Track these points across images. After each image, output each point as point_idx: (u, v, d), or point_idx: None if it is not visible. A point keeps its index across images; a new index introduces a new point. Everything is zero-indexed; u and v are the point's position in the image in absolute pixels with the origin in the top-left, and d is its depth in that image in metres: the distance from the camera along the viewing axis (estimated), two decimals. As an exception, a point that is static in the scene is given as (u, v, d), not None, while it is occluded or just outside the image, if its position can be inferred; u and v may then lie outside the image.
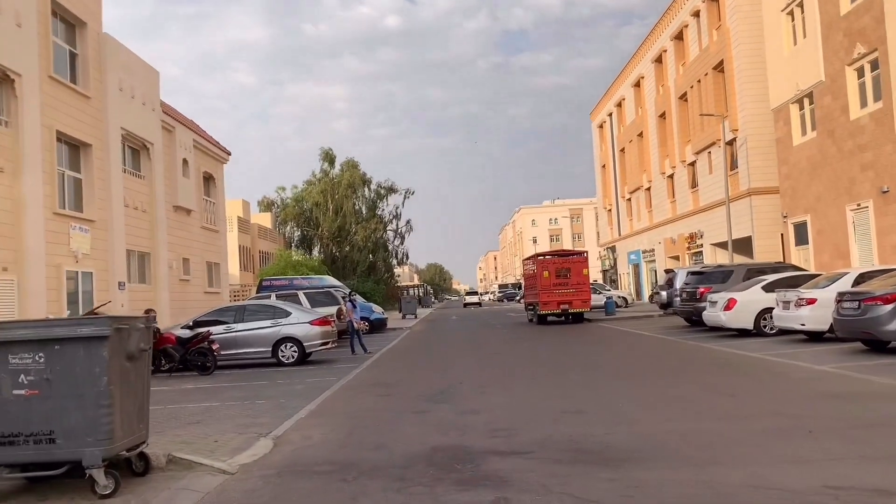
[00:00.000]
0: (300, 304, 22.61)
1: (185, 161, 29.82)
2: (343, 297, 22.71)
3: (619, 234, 59.96)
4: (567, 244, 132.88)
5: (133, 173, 25.86)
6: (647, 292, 53.23)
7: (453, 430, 7.54)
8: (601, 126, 64.40)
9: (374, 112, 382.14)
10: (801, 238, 29.89)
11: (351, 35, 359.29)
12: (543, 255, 31.80)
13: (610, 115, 60.55)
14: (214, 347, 15.66)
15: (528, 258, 34.31)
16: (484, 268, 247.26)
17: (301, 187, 72.27)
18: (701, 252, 41.76)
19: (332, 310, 22.30)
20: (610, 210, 63.53)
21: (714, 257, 39.51)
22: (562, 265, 30.16)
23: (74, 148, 22.10)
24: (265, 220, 69.03)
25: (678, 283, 23.16)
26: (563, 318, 31.17)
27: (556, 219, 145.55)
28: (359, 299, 31.06)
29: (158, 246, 26.67)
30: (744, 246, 34.89)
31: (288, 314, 17.06)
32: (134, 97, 25.18)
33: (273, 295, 23.63)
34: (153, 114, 26.85)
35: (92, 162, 22.37)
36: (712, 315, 18.64)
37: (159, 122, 27.37)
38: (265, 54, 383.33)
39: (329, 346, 17.35)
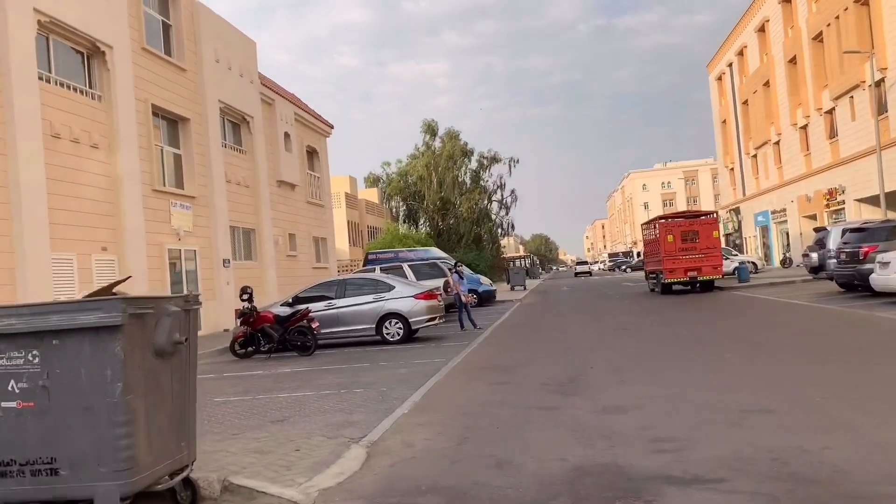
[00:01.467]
0: (405, 276, 21.31)
1: (286, 135, 29.05)
2: (449, 269, 21.15)
3: (744, 195, 55.57)
4: (682, 208, 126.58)
5: (234, 148, 25.23)
6: (776, 256, 49.04)
7: (598, 437, 5.74)
8: (719, 78, 59.69)
9: (475, 86, 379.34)
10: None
11: (449, 9, 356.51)
12: (667, 217, 29.11)
13: (730, 65, 55.91)
14: (314, 326, 14.47)
15: (648, 222, 31.65)
16: (591, 237, 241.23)
17: (405, 161, 71.47)
18: (842, 209, 37.59)
19: (439, 282, 20.82)
20: (732, 169, 59.05)
21: (859, 214, 35.35)
22: (688, 227, 27.41)
23: (172, 123, 21.52)
24: (372, 195, 68.85)
25: (831, 243, 20.15)
26: (690, 286, 28.49)
27: (668, 182, 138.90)
28: (465, 271, 29.55)
29: (263, 222, 26.03)
30: (888, 202, 30.79)
31: (391, 288, 15.66)
32: (231, 69, 24.43)
33: (378, 268, 22.43)
34: (251, 86, 26.09)
35: (191, 137, 21.74)
36: (883, 278, 15.82)
37: (258, 95, 26.61)
38: (367, 35, 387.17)
39: (436, 321, 15.85)
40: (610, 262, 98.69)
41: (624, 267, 79.13)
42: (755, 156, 52.30)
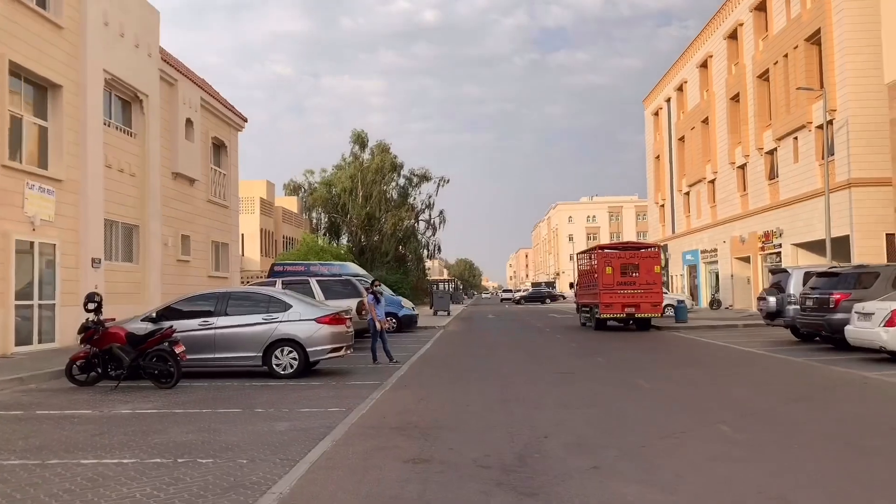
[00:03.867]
0: (311, 294, 18.07)
1: (189, 121, 25.41)
2: (365, 289, 18.01)
3: (673, 232, 54.60)
4: (606, 241, 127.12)
5: (120, 129, 21.49)
6: (704, 296, 47.96)
7: None
8: (656, 113, 58.97)
9: (409, 106, 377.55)
10: (924, 238, 24.58)
11: (388, 29, 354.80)
12: (606, 247, 26.85)
13: (668, 100, 55.15)
14: (178, 350, 11.08)
15: (585, 251, 29.36)
16: (514, 265, 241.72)
17: (330, 171, 68.10)
18: (778, 253, 36.44)
19: (352, 303, 17.70)
20: (662, 205, 58.16)
21: (796, 260, 34.17)
22: (629, 260, 25.17)
23: (40, 89, 17.76)
24: (291, 203, 65.05)
25: (792, 287, 18.10)
26: (624, 322, 26.24)
27: (594, 216, 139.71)
28: (386, 291, 26.47)
29: (149, 218, 22.29)
30: (838, 247, 29.50)
31: (287, 307, 12.43)
32: (124, 36, 20.79)
33: (279, 281, 19.10)
34: (149, 60, 22.45)
35: (61, 108, 18.01)
36: (862, 331, 13.66)
37: (157, 72, 22.97)
38: (302, 46, 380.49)
39: (342, 353, 12.70)
40: (533, 290, 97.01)
41: (545, 299, 78.14)
42: (688, 193, 51.37)
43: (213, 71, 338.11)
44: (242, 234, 51.58)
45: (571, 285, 35.85)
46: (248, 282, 28.27)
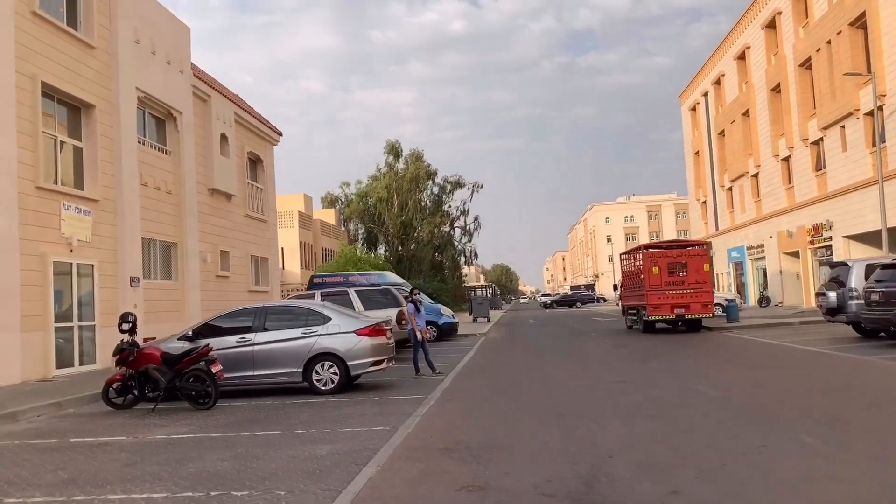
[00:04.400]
0: (350, 305, 17.67)
1: (223, 137, 25.31)
2: (405, 298, 17.53)
3: (717, 229, 53.21)
4: (645, 241, 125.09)
5: (155, 147, 21.42)
6: (752, 294, 46.52)
7: None
8: (693, 109, 57.65)
9: (440, 115, 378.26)
10: None
11: (417, 40, 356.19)
12: (652, 246, 25.98)
13: (705, 94, 53.87)
14: (215, 369, 10.72)
15: (630, 251, 28.53)
16: (552, 268, 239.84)
17: (366, 182, 68.17)
18: (829, 246, 35.09)
19: (392, 313, 17.22)
20: (704, 202, 56.78)
21: (848, 252, 32.84)
22: (676, 259, 24.30)
23: (73, 110, 17.71)
24: (329, 216, 65.16)
25: (854, 281, 17.14)
26: (673, 324, 25.34)
27: (631, 216, 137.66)
28: (425, 300, 26.01)
29: (187, 235, 22.16)
30: (893, 237, 28.16)
31: (327, 320, 12.00)
32: (155, 53, 20.73)
33: (318, 293, 18.75)
34: (181, 77, 22.37)
35: (95, 127, 17.93)
36: (938, 326, 12.72)
37: (189, 88, 22.90)
38: (334, 61, 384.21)
39: (384, 365, 12.22)
40: (562, 295, 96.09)
41: (577, 303, 77.78)
42: (730, 188, 50.01)
43: (246, 90, 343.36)
44: (282, 248, 51.76)
45: (615, 287, 34.96)
46: (287, 295, 28.03)
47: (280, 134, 31.14)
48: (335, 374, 11.73)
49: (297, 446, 7.66)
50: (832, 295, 17.54)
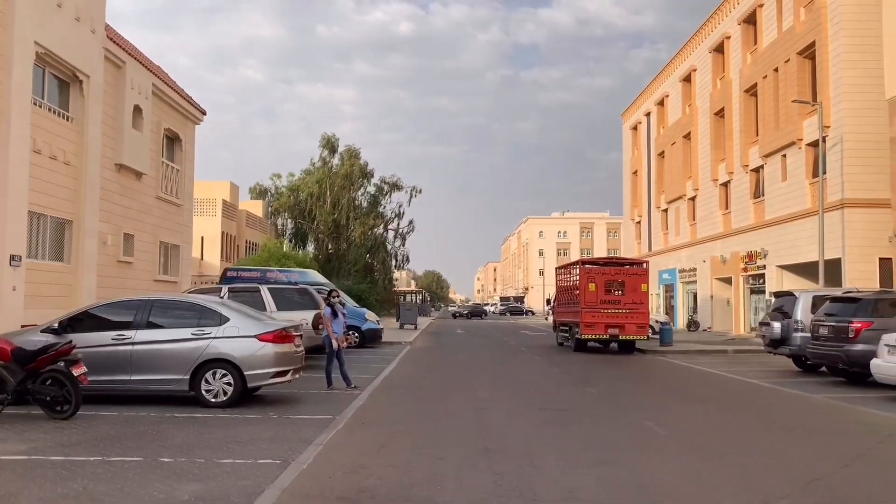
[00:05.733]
0: (262, 304, 15.83)
1: (137, 109, 23.01)
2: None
3: (650, 249, 53.10)
4: (576, 258, 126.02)
5: (55, 111, 19.07)
6: (681, 317, 46.39)
7: None
8: (635, 128, 57.63)
9: (381, 116, 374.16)
10: (925, 264, 23.10)
11: (363, 38, 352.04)
12: (589, 261, 24.94)
13: (648, 114, 53.81)
14: (77, 372, 8.80)
15: (566, 265, 27.48)
16: (483, 278, 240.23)
17: (298, 176, 65.74)
18: (762, 275, 34.95)
19: (308, 315, 15.49)
20: (639, 222, 56.70)
21: (781, 282, 32.69)
22: (614, 276, 23.30)
23: (-47, 57, 15.33)
24: (256, 208, 62.45)
25: (800, 313, 16.31)
26: (604, 344, 24.33)
27: (564, 231, 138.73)
28: (348, 303, 24.26)
29: (85, 213, 19.83)
30: (827, 270, 27.88)
31: (224, 320, 10.20)
32: (62, 6, 18.42)
33: (225, 288, 16.80)
34: (92, 37, 20.07)
35: (-21, 80, 15.58)
36: (895, 366, 11.83)
37: (101, 51, 20.59)
38: (276, 52, 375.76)
39: (289, 377, 10.48)
40: (502, 305, 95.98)
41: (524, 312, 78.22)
42: (666, 210, 49.93)
43: (184, 73, 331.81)
44: (202, 237, 48.96)
45: (549, 301, 33.94)
46: (195, 285, 25.78)
47: (204, 113, 28.88)
48: (229, 384, 9.95)
49: (155, 483, 5.91)
50: (776, 326, 16.68)
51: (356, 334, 23.05)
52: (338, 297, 12.99)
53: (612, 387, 14.01)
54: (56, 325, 10.00)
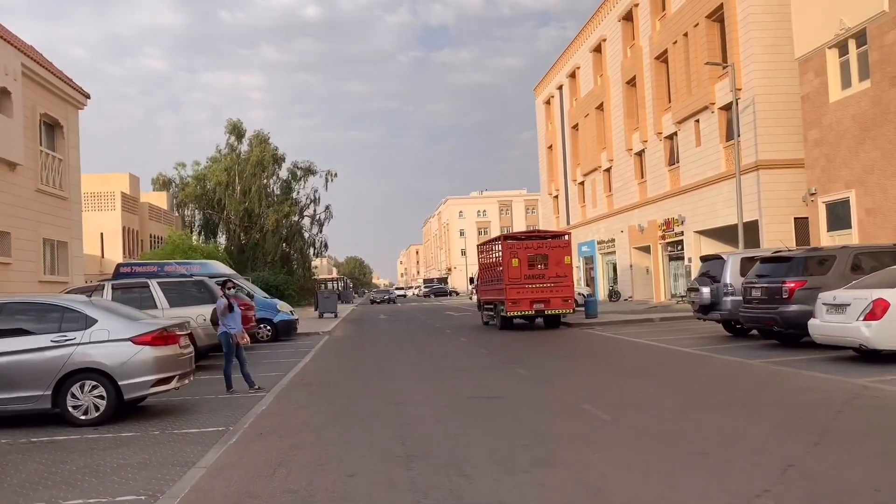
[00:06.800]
0: (152, 300, 14.11)
1: (4, 92, 20.54)
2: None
3: (568, 223, 52.99)
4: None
5: None
6: (602, 289, 46.45)
7: None
8: (548, 102, 57.31)
9: (292, 103, 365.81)
10: (840, 220, 23.23)
11: (269, 23, 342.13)
12: (511, 237, 24.02)
13: (560, 88, 53.50)
14: None
15: (487, 242, 26.54)
16: (406, 262, 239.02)
17: (204, 164, 62.70)
18: (681, 242, 35.06)
19: (205, 311, 13.86)
20: (556, 196, 56.55)
21: (699, 248, 32.81)
22: (537, 250, 22.45)
23: None
24: (160, 199, 59.12)
25: (729, 276, 15.79)
26: (530, 320, 23.56)
27: (484, 210, 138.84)
28: (258, 293, 22.61)
29: (-54, 210, 17.47)
30: (744, 233, 27.91)
31: (90, 322, 8.59)
32: None
33: (107, 285, 14.94)
34: (-59, 9, 17.59)
35: None
36: (833, 326, 11.31)
37: (-47, 25, 18.12)
38: (177, 40, 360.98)
39: (174, 384, 8.96)
40: (426, 287, 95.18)
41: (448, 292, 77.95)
42: (583, 183, 49.84)
43: (80, 65, 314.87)
44: (102, 234, 45.79)
45: (472, 280, 33.01)
46: (89, 282, 23.42)
47: (87, 97, 26.35)
48: (101, 397, 8.39)
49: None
50: (706, 291, 16.13)
51: (268, 327, 21.47)
52: (234, 287, 11.47)
53: (542, 366, 13.05)
54: None
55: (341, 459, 6.34)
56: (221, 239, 62.14)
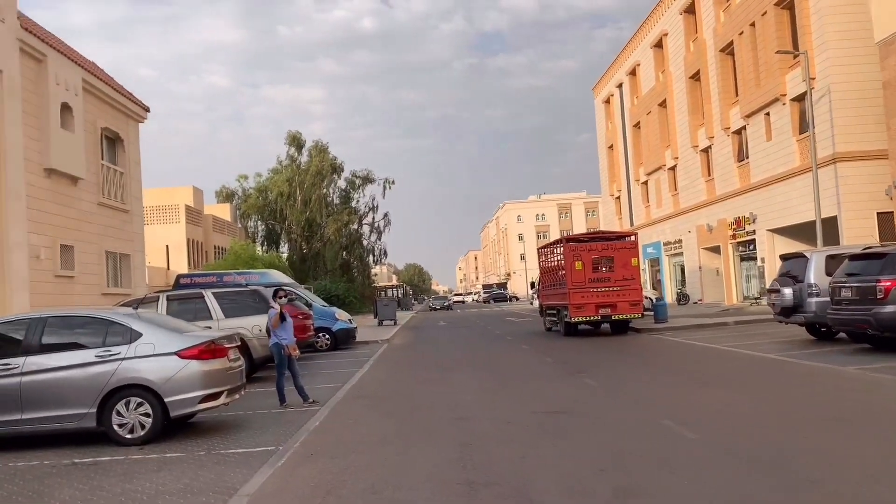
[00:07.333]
0: (207, 311, 13.83)
1: (66, 107, 20.79)
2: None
3: (632, 224, 51.51)
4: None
5: (-38, 112, 16.85)
6: (669, 292, 44.84)
7: None
8: (607, 101, 55.96)
9: (351, 114, 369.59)
10: (930, 215, 21.55)
11: (326, 37, 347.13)
12: (574, 238, 23.11)
13: (620, 85, 52.14)
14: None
15: (548, 244, 25.67)
16: (464, 268, 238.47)
17: (266, 176, 63.57)
18: (752, 241, 33.43)
19: (261, 321, 13.48)
20: (618, 197, 55.12)
21: (773, 247, 31.18)
22: (602, 252, 21.50)
23: None
24: (223, 211, 59.99)
25: (813, 275, 14.60)
26: (595, 326, 22.60)
27: (543, 214, 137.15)
28: (316, 302, 22.30)
29: (10, 224, 17.66)
30: (823, 229, 26.26)
31: (135, 336, 8.21)
32: (-41, -8, 16.20)
33: (162, 297, 14.74)
34: (3, 27, 17.84)
35: None
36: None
37: (15, 42, 18.36)
38: (239, 56, 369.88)
39: (223, 399, 8.50)
40: (485, 293, 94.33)
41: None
42: (646, 182, 48.36)
43: (148, 84, 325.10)
44: (167, 246, 46.65)
45: (533, 285, 32.16)
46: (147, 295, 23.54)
47: (147, 110, 26.64)
48: (146, 414, 7.99)
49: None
50: (788, 292, 14.95)
51: (327, 336, 21.13)
52: (286, 296, 11.02)
53: (612, 375, 12.20)
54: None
55: (397, 486, 5.71)
56: (283, 249, 62.88)
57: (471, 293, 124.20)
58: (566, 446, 6.80)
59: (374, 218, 65.39)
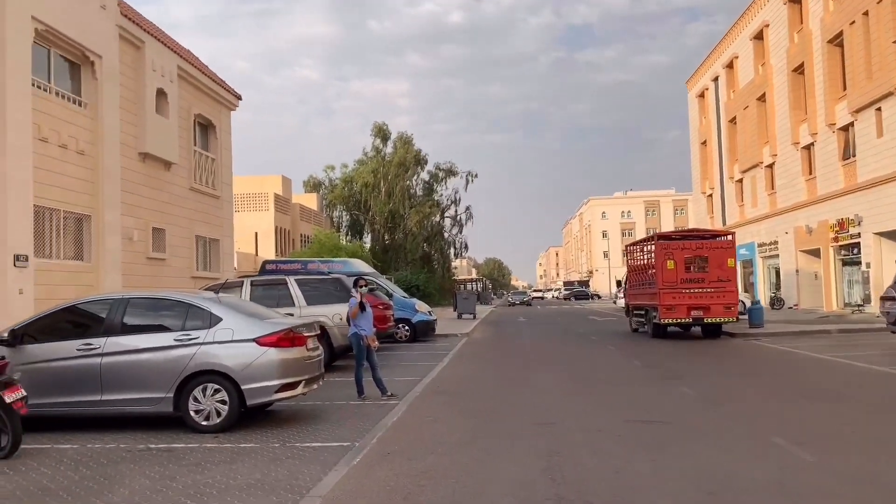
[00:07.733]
0: (290, 298, 13.74)
1: (161, 93, 21.26)
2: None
3: (724, 224, 49.29)
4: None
5: (64, 95, 17.37)
6: (763, 295, 42.69)
7: None
8: (702, 95, 53.69)
9: (435, 108, 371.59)
10: None
11: (415, 31, 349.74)
12: (666, 236, 22.09)
13: (715, 79, 49.89)
14: (10, 397, 6.74)
15: (638, 242, 24.67)
16: (545, 264, 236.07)
17: (351, 167, 64.19)
18: (857, 244, 31.29)
19: (342, 310, 13.24)
20: (710, 195, 52.89)
21: (879, 252, 29.10)
22: (696, 251, 20.42)
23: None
24: (310, 201, 61.10)
25: (937, 283, 13.29)
26: (685, 328, 21.52)
27: (628, 211, 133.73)
28: (397, 292, 22.11)
29: (105, 206, 18.15)
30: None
31: (215, 320, 8.04)
32: (64, -21, 16.66)
33: (246, 282, 14.73)
34: (102, 13, 18.32)
35: (-35, 60, 13.89)
36: None
37: (114, 29, 18.84)
38: (329, 50, 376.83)
39: (300, 389, 8.25)
40: (566, 290, 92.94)
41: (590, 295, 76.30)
42: (741, 180, 46.13)
43: (242, 77, 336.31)
44: (256, 233, 47.76)
45: (619, 283, 31.12)
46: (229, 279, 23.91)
47: (239, 98, 27.09)
48: (223, 402, 7.80)
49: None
50: (907, 300, 13.68)
51: (406, 328, 20.90)
52: (366, 285, 10.72)
53: (710, 384, 11.37)
54: (6, 334, 8.01)
55: (479, 496, 5.25)
56: (366, 239, 63.44)
57: (550, 289, 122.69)
58: (665, 462, 6.18)
59: (455, 211, 65.15)
